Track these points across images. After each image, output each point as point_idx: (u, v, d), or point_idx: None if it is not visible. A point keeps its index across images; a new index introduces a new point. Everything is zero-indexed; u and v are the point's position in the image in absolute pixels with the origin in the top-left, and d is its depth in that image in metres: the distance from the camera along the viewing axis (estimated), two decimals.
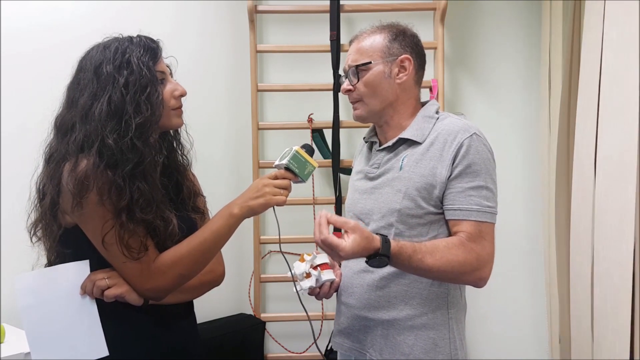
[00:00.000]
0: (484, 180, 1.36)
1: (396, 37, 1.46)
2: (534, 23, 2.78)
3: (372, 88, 1.44)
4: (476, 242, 1.33)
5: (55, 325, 1.25)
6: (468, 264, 1.32)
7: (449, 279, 1.39)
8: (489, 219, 1.36)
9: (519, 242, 2.80)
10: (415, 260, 1.29)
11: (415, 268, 1.31)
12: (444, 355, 1.39)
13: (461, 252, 1.32)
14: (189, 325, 1.44)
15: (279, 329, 2.72)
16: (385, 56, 1.44)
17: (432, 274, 1.34)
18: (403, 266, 1.31)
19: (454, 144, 1.36)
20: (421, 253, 1.30)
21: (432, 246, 1.32)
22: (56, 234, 1.27)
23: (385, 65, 1.44)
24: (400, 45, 1.46)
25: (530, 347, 2.83)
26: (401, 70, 1.45)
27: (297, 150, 1.35)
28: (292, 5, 2.71)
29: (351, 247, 1.22)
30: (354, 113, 1.50)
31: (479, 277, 1.35)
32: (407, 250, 1.29)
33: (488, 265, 1.35)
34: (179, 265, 1.27)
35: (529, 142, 2.83)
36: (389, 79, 1.44)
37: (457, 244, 1.33)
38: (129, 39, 1.31)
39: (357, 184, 1.54)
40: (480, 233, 1.34)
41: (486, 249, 1.35)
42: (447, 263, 1.31)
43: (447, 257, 1.31)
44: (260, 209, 1.30)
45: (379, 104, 1.45)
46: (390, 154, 1.47)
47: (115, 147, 1.21)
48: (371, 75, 1.44)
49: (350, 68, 1.46)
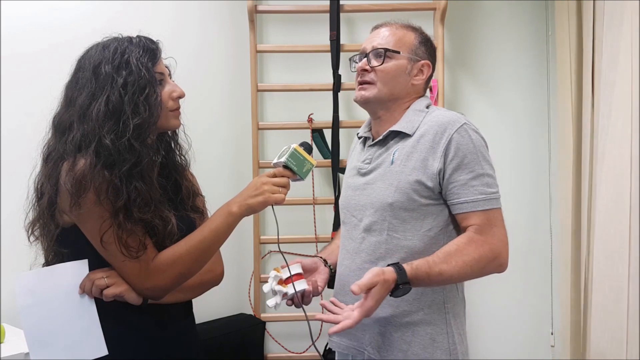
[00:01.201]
0: (482, 167, 1.36)
1: (425, 42, 1.51)
2: (534, 23, 2.78)
3: (390, 76, 1.45)
4: (487, 232, 1.35)
5: (54, 325, 1.25)
6: (484, 259, 1.34)
7: (472, 277, 1.39)
8: (496, 204, 1.37)
9: (521, 241, 2.79)
10: (434, 275, 1.30)
11: (436, 282, 1.33)
12: (443, 350, 1.39)
13: (473, 249, 1.33)
14: (188, 325, 1.44)
15: (279, 329, 2.72)
16: (412, 54, 1.47)
17: (454, 280, 1.36)
18: (425, 284, 1.33)
19: (444, 136, 1.37)
20: (437, 266, 1.31)
21: (445, 254, 1.33)
22: (54, 234, 1.27)
23: (408, 62, 1.47)
24: (426, 50, 1.50)
25: (533, 347, 2.82)
26: (419, 73, 1.48)
27: (296, 148, 1.35)
28: (292, 5, 2.71)
29: (375, 300, 1.24)
30: (360, 93, 1.49)
31: (498, 264, 1.36)
32: (423, 268, 1.30)
33: (504, 251, 1.37)
34: (178, 264, 1.27)
35: (529, 142, 2.83)
36: (407, 76, 1.47)
37: (467, 242, 1.34)
38: (129, 39, 1.31)
39: (350, 180, 1.55)
40: (489, 221, 1.35)
41: (497, 235, 1.36)
42: (464, 265, 1.32)
43: (462, 259, 1.32)
44: (259, 207, 1.30)
45: (387, 94, 1.46)
46: (382, 148, 1.48)
47: (112, 148, 1.20)
48: (394, 65, 1.45)
49: (374, 49, 1.46)
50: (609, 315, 2.24)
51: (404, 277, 1.27)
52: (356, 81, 1.51)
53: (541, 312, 2.82)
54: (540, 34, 2.81)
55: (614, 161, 2.25)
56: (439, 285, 1.38)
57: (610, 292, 2.20)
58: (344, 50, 2.61)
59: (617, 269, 2.17)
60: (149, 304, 1.29)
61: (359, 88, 1.50)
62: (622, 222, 2.18)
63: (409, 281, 1.27)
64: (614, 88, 2.26)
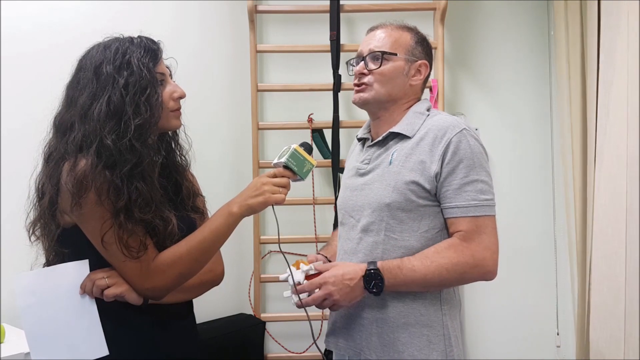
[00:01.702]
0: (477, 173, 1.36)
1: (421, 42, 1.51)
2: (534, 23, 2.79)
3: (388, 78, 1.46)
4: (472, 239, 1.34)
5: (55, 325, 1.25)
6: (463, 264, 1.34)
7: (452, 283, 1.40)
8: (487, 211, 1.36)
9: (522, 242, 2.79)
10: (407, 270, 1.33)
11: (411, 279, 1.34)
12: (439, 352, 1.39)
13: (452, 253, 1.34)
14: (189, 325, 1.44)
15: (279, 329, 2.72)
16: (409, 55, 1.48)
17: (431, 282, 1.35)
18: (398, 279, 1.34)
19: (443, 140, 1.37)
20: (410, 262, 1.34)
21: (421, 255, 1.35)
22: (54, 233, 1.27)
23: (405, 63, 1.47)
24: (423, 50, 1.51)
25: (539, 347, 2.82)
26: (416, 73, 1.49)
27: (296, 149, 1.35)
28: (292, 5, 2.71)
29: (329, 273, 1.35)
30: (357, 95, 1.50)
31: (483, 272, 1.36)
32: (394, 262, 1.34)
33: (489, 259, 1.35)
34: (178, 264, 1.27)
35: (530, 142, 2.83)
36: (404, 77, 1.48)
37: (447, 247, 1.35)
38: (130, 39, 1.31)
39: (348, 181, 1.55)
40: (477, 228, 1.35)
41: (484, 243, 1.35)
42: (439, 267, 1.33)
43: (438, 261, 1.33)
44: (260, 208, 1.30)
45: (385, 95, 1.47)
46: (381, 149, 1.48)
47: (113, 148, 1.21)
48: (392, 67, 1.46)
49: (371, 52, 1.47)
50: (607, 316, 2.24)
51: (373, 264, 1.33)
52: (354, 84, 1.52)
53: (547, 312, 2.81)
54: (541, 34, 2.81)
55: (611, 162, 2.25)
56: (417, 287, 1.37)
57: (608, 292, 2.21)
58: (344, 50, 2.61)
59: (615, 269, 2.17)
60: (149, 304, 1.30)
61: (356, 90, 1.50)
62: (619, 223, 2.19)
63: (378, 269, 1.32)
64: (611, 88, 2.26)
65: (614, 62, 2.24)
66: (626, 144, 2.17)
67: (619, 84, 2.21)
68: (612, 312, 2.21)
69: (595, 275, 2.30)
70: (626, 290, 2.14)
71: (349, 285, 1.33)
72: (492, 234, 1.37)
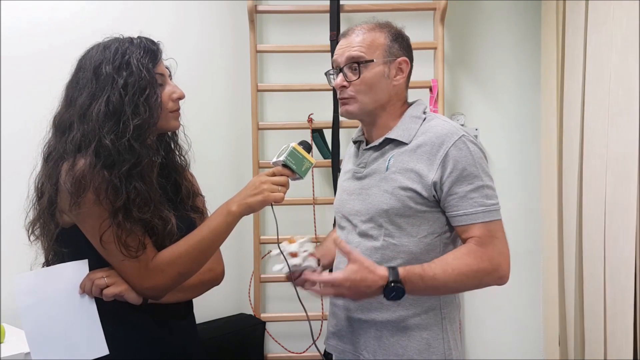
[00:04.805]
0: (481, 179, 1.35)
1: (396, 38, 1.44)
2: (533, 23, 2.78)
3: (369, 87, 1.41)
4: (487, 244, 1.33)
5: (55, 325, 1.25)
6: (482, 271, 1.32)
7: (469, 288, 1.39)
8: (496, 216, 1.35)
9: (517, 244, 2.77)
10: (428, 278, 1.29)
11: (431, 288, 1.31)
12: (438, 356, 1.38)
13: (472, 259, 1.31)
14: (188, 325, 1.44)
15: (279, 329, 2.72)
16: (385, 56, 1.42)
17: (450, 289, 1.35)
18: (419, 289, 1.30)
19: (441, 149, 1.34)
20: (431, 270, 1.30)
21: (441, 261, 1.32)
22: (53, 233, 1.27)
23: (384, 65, 1.42)
24: (400, 47, 1.44)
25: (527, 349, 2.82)
26: (398, 72, 1.44)
27: (294, 147, 1.35)
28: (292, 5, 2.71)
29: (345, 276, 1.26)
30: (344, 108, 1.45)
31: (498, 277, 1.35)
32: (417, 270, 1.29)
33: (504, 263, 1.35)
34: (177, 264, 1.27)
35: (529, 142, 2.82)
36: (386, 79, 1.42)
37: (466, 253, 1.32)
38: (130, 40, 1.31)
39: (345, 184, 1.53)
40: (490, 233, 1.33)
41: (498, 248, 1.34)
42: (460, 275, 1.30)
43: (459, 269, 1.31)
44: (259, 206, 1.30)
45: (372, 103, 1.43)
46: (377, 153, 1.45)
47: (112, 148, 1.21)
48: (372, 74, 1.41)
49: (347, 63, 1.42)
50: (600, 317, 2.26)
51: (395, 275, 1.26)
52: (338, 97, 1.47)
53: (538, 314, 2.81)
54: (540, 34, 2.80)
55: (597, 163, 2.27)
56: (435, 293, 1.36)
57: (614, 293, 2.21)
58: None
59: (622, 270, 2.17)
60: (149, 304, 1.30)
61: (341, 103, 1.46)
62: (611, 224, 2.20)
63: (401, 280, 1.26)
64: (596, 88, 2.27)
65: (601, 63, 2.25)
66: (606, 144, 2.19)
67: (602, 84, 2.23)
68: (605, 311, 2.23)
69: (587, 276, 2.34)
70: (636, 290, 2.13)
71: (366, 292, 1.28)
72: (503, 238, 1.36)
